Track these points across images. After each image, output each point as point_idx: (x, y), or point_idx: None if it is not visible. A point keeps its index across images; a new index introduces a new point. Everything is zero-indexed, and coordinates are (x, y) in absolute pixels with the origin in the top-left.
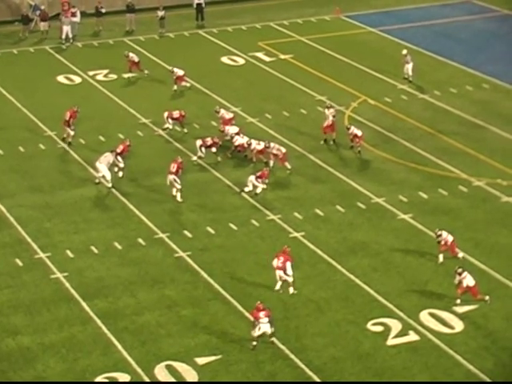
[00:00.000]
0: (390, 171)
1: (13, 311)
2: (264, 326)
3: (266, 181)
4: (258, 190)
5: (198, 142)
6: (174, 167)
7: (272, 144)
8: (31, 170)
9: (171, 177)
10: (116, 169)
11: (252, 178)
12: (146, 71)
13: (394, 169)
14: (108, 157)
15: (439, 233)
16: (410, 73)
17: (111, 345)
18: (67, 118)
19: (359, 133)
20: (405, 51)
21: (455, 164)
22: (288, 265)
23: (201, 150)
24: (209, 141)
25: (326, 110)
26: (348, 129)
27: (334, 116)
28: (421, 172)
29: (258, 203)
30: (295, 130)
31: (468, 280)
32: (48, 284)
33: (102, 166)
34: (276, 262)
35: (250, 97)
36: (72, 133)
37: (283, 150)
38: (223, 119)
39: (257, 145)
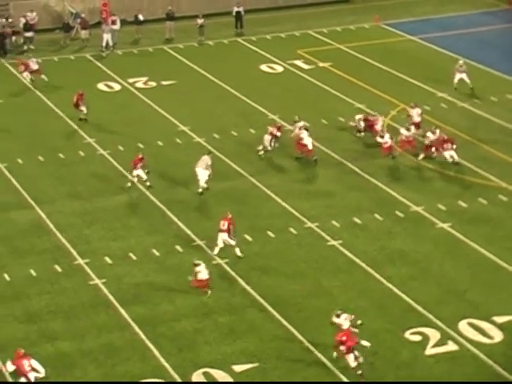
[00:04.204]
0: (428, 180)
1: (52, 317)
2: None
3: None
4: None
5: (267, 137)
6: (224, 224)
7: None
8: (71, 176)
9: (223, 235)
10: (129, 184)
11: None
12: None
13: (433, 177)
14: (205, 160)
15: (338, 312)
16: (468, 81)
17: (149, 351)
18: (75, 101)
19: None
20: (461, 61)
21: (495, 173)
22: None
23: (271, 145)
24: (274, 130)
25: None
26: (381, 137)
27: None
28: (460, 181)
29: (295, 211)
30: (333, 137)
31: (203, 273)
32: (86, 290)
33: (200, 171)
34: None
35: (289, 104)
36: (85, 111)
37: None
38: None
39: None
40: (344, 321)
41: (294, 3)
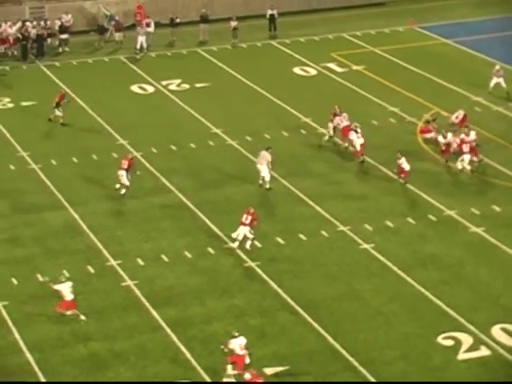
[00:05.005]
0: (462, 184)
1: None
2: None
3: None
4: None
5: (331, 125)
6: (247, 218)
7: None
8: (104, 178)
9: (245, 229)
10: (118, 186)
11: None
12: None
13: (466, 181)
14: (266, 156)
15: (236, 334)
16: (504, 85)
17: (180, 353)
18: (57, 100)
19: (407, 167)
20: (498, 66)
21: None
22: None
23: (334, 131)
24: (332, 116)
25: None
26: (398, 158)
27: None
28: (494, 185)
29: (327, 214)
30: (367, 141)
31: (66, 293)
32: (119, 291)
33: (263, 167)
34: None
35: (322, 107)
36: (61, 114)
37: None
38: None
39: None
40: (238, 347)
41: (328, 6)
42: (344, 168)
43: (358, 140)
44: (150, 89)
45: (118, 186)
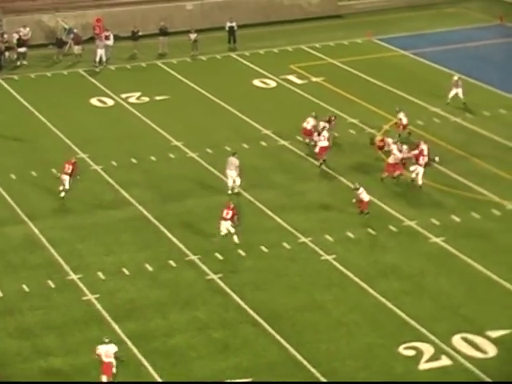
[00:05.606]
0: (422, 194)
1: (45, 332)
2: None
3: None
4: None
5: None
6: (228, 213)
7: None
8: None
9: (226, 224)
10: (62, 188)
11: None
12: None
13: (426, 192)
14: (233, 161)
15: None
16: (462, 96)
17: (142, 366)
18: None
19: (366, 198)
20: (456, 77)
21: (488, 187)
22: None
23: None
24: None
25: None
26: (356, 189)
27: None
28: (453, 195)
29: (289, 225)
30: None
31: None
32: (79, 305)
33: (232, 173)
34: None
35: (282, 119)
36: None
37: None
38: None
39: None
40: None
41: (287, 18)
42: (305, 179)
43: (320, 142)
44: (110, 102)
45: (63, 194)
